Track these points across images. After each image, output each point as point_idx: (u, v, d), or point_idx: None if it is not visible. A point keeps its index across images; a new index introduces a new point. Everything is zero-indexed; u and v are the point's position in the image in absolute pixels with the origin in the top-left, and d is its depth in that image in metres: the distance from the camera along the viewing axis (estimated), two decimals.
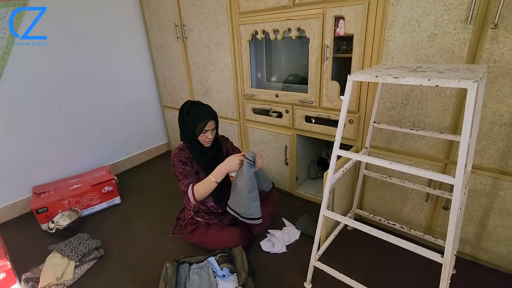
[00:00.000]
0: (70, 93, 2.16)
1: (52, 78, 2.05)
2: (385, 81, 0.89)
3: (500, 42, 1.07)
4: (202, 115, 1.45)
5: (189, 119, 1.44)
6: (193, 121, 1.44)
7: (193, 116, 1.44)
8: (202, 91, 2.33)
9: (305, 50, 1.79)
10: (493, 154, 1.20)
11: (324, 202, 1.17)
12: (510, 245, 1.27)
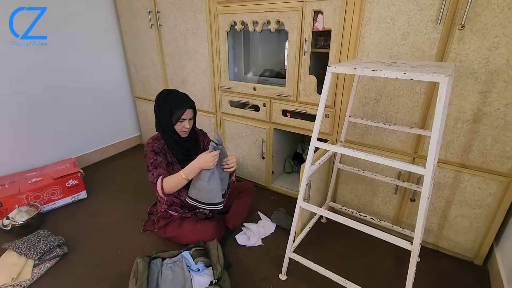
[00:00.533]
0: (31, 79, 1.98)
1: (9, 62, 1.86)
2: (363, 73, 0.91)
3: (466, 43, 1.14)
4: (180, 103, 1.39)
5: (166, 107, 1.39)
6: (170, 109, 1.38)
7: (170, 104, 1.38)
8: (177, 82, 2.24)
9: (283, 44, 1.80)
10: (456, 148, 1.29)
11: (301, 194, 1.18)
12: (467, 233, 1.37)
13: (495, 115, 1.17)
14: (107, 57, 2.45)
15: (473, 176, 1.27)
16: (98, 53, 2.37)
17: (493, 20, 1.07)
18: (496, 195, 1.25)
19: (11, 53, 1.85)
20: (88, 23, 2.25)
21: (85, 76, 2.31)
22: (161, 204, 1.55)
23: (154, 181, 1.38)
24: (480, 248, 1.36)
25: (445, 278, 1.34)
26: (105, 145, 2.60)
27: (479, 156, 1.24)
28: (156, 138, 1.47)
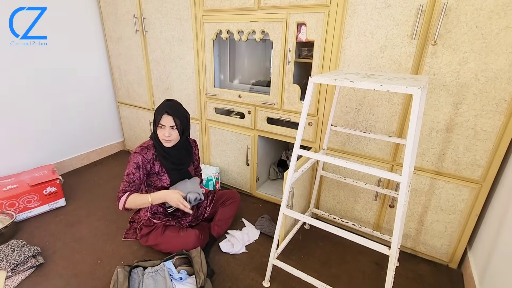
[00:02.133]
0: (5, 81, 1.92)
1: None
2: (343, 84, 0.95)
3: (438, 57, 1.21)
4: (161, 109, 1.39)
5: (155, 112, 1.41)
6: (155, 114, 1.40)
7: (156, 109, 1.41)
8: (162, 88, 2.23)
9: (268, 53, 1.84)
10: (431, 156, 1.35)
11: (284, 201, 1.20)
12: (442, 238, 1.43)
13: (466, 125, 1.24)
14: (90, 60, 2.41)
15: (447, 183, 1.34)
16: (82, 55, 2.32)
17: (462, 37, 1.15)
18: (468, 201, 1.31)
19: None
20: (73, 26, 2.21)
21: (66, 79, 2.26)
22: (145, 211, 1.52)
23: (119, 194, 1.37)
24: (455, 252, 1.42)
25: (423, 281, 1.39)
26: (87, 151, 2.53)
27: (452, 164, 1.31)
28: (146, 146, 1.43)
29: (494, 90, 1.15)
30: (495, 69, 1.13)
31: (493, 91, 1.15)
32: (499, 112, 1.16)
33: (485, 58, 1.13)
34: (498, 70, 1.12)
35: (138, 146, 1.44)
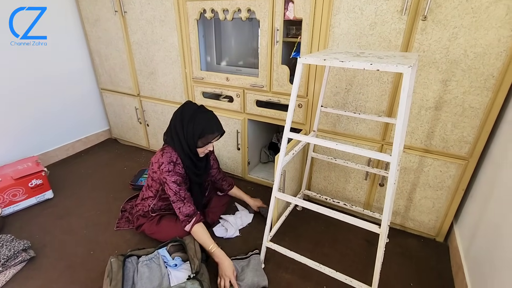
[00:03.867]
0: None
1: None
2: (332, 64, 0.92)
3: (428, 34, 1.18)
4: (212, 127, 1.32)
5: (195, 127, 1.29)
6: (202, 131, 1.29)
7: (202, 125, 1.29)
8: (146, 73, 2.15)
9: (255, 33, 1.77)
10: (420, 135, 1.36)
11: (276, 185, 1.19)
12: (430, 213, 1.47)
13: (454, 103, 1.24)
14: (69, 45, 2.27)
15: (435, 160, 1.36)
16: (58, 38, 2.18)
17: (452, 11, 1.12)
18: (455, 177, 1.34)
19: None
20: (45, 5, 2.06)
21: (46, 65, 2.14)
22: (145, 205, 1.47)
23: (187, 223, 1.30)
24: (442, 226, 1.47)
25: (411, 256, 1.44)
26: (71, 141, 2.45)
27: (441, 141, 1.32)
28: (173, 162, 1.31)
29: (483, 66, 1.14)
30: (484, 45, 1.11)
31: (481, 67, 1.15)
32: (487, 88, 1.16)
33: (474, 33, 1.11)
34: (487, 45, 1.11)
35: (163, 161, 1.30)
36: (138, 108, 2.34)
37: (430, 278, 1.32)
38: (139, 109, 2.34)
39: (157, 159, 1.34)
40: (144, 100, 2.28)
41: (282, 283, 1.29)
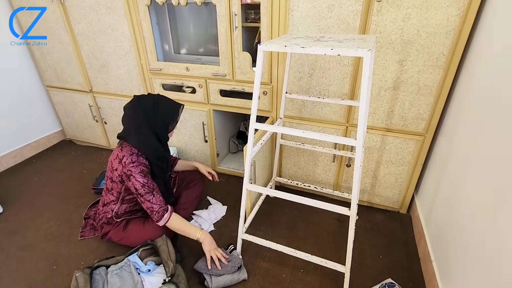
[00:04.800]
0: None
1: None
2: (293, 51, 0.90)
3: (384, 15, 1.20)
4: (175, 105, 1.32)
5: (163, 114, 1.26)
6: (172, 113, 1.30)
7: (167, 108, 1.29)
8: (97, 66, 1.97)
9: (214, 19, 1.68)
10: (381, 115, 1.41)
11: (246, 176, 1.17)
12: (394, 188, 1.56)
13: (410, 82, 1.29)
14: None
15: (395, 138, 1.42)
16: None
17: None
18: (414, 153, 1.42)
19: None
20: None
21: None
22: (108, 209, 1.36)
23: (161, 213, 1.22)
24: (404, 199, 1.57)
25: (379, 229, 1.53)
26: (18, 146, 2.21)
27: (400, 120, 1.38)
28: (135, 153, 1.23)
29: (434, 45, 1.19)
30: (434, 24, 1.16)
31: (433, 46, 1.19)
32: (438, 66, 1.22)
33: (425, 13, 1.15)
34: (437, 25, 1.15)
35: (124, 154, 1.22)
36: (93, 105, 2.15)
37: (397, 248, 1.41)
38: (93, 106, 2.15)
39: (116, 155, 1.26)
40: (98, 96, 2.10)
41: (260, 272, 1.30)
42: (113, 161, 1.27)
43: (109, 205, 1.36)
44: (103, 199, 1.39)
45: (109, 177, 1.31)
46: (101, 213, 1.39)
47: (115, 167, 1.25)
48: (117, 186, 1.30)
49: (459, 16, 1.11)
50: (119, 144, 1.31)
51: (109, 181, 1.32)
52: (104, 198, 1.38)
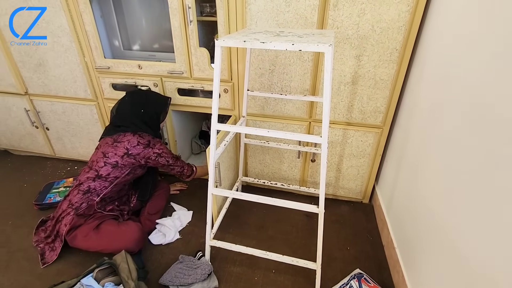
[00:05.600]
0: None
1: None
2: (253, 46, 0.85)
3: (340, 10, 1.21)
4: (164, 97, 1.54)
5: (154, 106, 1.46)
6: (164, 104, 1.51)
7: (158, 100, 1.49)
8: (32, 65, 1.72)
9: (166, 12, 1.56)
10: (342, 109, 1.43)
11: (211, 180, 1.11)
12: (356, 180, 1.61)
13: (367, 76, 1.32)
14: None
15: (356, 131, 1.46)
16: None
17: None
18: (373, 145, 1.48)
19: None
20: None
21: None
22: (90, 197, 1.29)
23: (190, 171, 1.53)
24: (366, 190, 1.63)
25: (345, 220, 1.57)
26: None
27: (359, 114, 1.42)
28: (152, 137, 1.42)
29: (388, 40, 1.23)
30: (387, 20, 1.19)
31: (387, 41, 1.23)
32: (392, 61, 1.27)
33: (379, 9, 1.18)
34: (390, 20, 1.19)
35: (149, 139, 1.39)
36: (30, 110, 1.89)
37: (362, 238, 1.46)
38: (31, 110, 1.89)
39: (136, 141, 1.35)
40: (36, 99, 1.85)
41: (232, 277, 1.25)
42: (130, 147, 1.34)
43: (94, 191, 1.31)
44: (85, 185, 1.31)
45: (111, 163, 1.32)
46: (78, 202, 1.28)
47: (137, 152, 1.34)
48: (120, 170, 1.34)
49: (409, 12, 1.16)
50: (133, 133, 1.37)
51: (107, 167, 1.32)
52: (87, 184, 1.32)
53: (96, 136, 1.88)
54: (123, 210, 1.41)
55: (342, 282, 1.18)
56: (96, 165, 1.33)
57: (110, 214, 1.33)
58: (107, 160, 1.32)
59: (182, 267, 1.20)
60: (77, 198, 1.29)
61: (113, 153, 1.33)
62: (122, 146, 1.33)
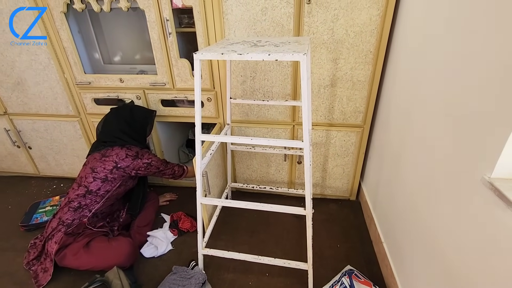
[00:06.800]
0: None
1: None
2: (230, 58, 0.87)
3: (314, 16, 1.25)
4: (149, 110, 1.54)
5: (140, 120, 1.47)
6: (148, 118, 1.51)
7: (143, 114, 1.50)
8: (9, 84, 1.69)
9: (145, 25, 1.56)
10: (323, 111, 1.47)
11: (199, 190, 1.12)
12: (342, 179, 1.66)
13: (345, 78, 1.37)
14: None
15: (338, 132, 1.51)
16: None
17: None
18: (356, 143, 1.53)
19: None
20: None
21: None
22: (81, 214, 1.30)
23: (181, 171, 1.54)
24: (352, 187, 1.68)
25: (334, 219, 1.61)
26: None
27: (340, 115, 1.47)
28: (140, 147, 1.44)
29: (362, 43, 1.28)
30: (360, 24, 1.24)
31: (361, 44, 1.28)
32: (367, 62, 1.32)
33: (351, 14, 1.22)
34: (362, 24, 1.24)
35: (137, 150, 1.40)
36: (10, 129, 1.85)
37: (351, 234, 1.50)
38: (11, 130, 1.85)
39: (125, 154, 1.35)
40: (16, 118, 1.81)
41: (226, 284, 1.26)
42: (119, 161, 1.33)
43: (86, 207, 1.31)
44: (75, 202, 1.30)
45: (101, 178, 1.32)
46: (69, 219, 1.28)
47: (126, 164, 1.34)
48: (110, 184, 1.34)
49: (380, 15, 1.21)
50: (120, 146, 1.37)
51: (96, 182, 1.32)
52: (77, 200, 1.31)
53: (81, 152, 1.86)
54: (113, 226, 1.41)
55: (334, 279, 1.22)
56: (85, 181, 1.32)
57: (100, 231, 1.32)
58: (96, 175, 1.32)
59: (175, 278, 1.21)
60: (68, 215, 1.28)
61: (102, 168, 1.32)
62: (111, 160, 1.33)
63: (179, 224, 1.55)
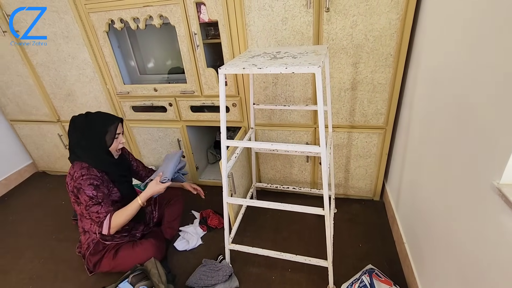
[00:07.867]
0: None
1: None
2: (251, 72, 0.96)
3: (333, 23, 1.29)
4: (110, 119, 1.31)
5: (95, 128, 1.27)
6: (103, 128, 1.28)
7: (99, 122, 1.29)
8: (62, 96, 1.93)
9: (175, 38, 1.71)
10: (344, 114, 1.51)
11: (225, 190, 1.22)
12: (365, 179, 1.67)
13: (365, 81, 1.39)
14: None
15: (360, 133, 1.53)
16: None
17: (349, 1, 1.23)
18: (378, 145, 1.54)
19: None
20: None
21: None
22: (91, 234, 1.36)
23: (102, 220, 1.22)
24: (376, 188, 1.69)
25: (357, 219, 1.63)
26: None
27: (361, 117, 1.49)
28: (85, 167, 1.25)
29: (382, 47, 1.30)
30: (379, 28, 1.26)
31: (380, 48, 1.30)
32: (388, 65, 1.33)
33: (370, 19, 1.25)
34: (381, 29, 1.26)
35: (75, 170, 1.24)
36: (63, 135, 2.11)
37: (374, 234, 1.52)
38: (63, 135, 2.11)
39: (68, 173, 1.28)
40: (67, 124, 2.06)
41: (251, 278, 1.36)
42: (68, 183, 1.28)
43: (89, 231, 1.36)
44: (80, 227, 1.39)
45: (74, 202, 1.30)
46: (84, 243, 1.38)
47: (71, 188, 1.26)
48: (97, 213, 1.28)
49: (399, 19, 1.22)
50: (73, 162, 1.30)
51: (76, 207, 1.32)
52: (81, 225, 1.38)
53: None
54: (135, 233, 1.45)
55: (354, 277, 1.26)
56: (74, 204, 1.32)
57: (123, 241, 1.40)
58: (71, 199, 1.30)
59: (205, 270, 1.33)
60: (83, 239, 1.39)
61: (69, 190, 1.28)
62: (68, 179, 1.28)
63: (208, 220, 1.68)
